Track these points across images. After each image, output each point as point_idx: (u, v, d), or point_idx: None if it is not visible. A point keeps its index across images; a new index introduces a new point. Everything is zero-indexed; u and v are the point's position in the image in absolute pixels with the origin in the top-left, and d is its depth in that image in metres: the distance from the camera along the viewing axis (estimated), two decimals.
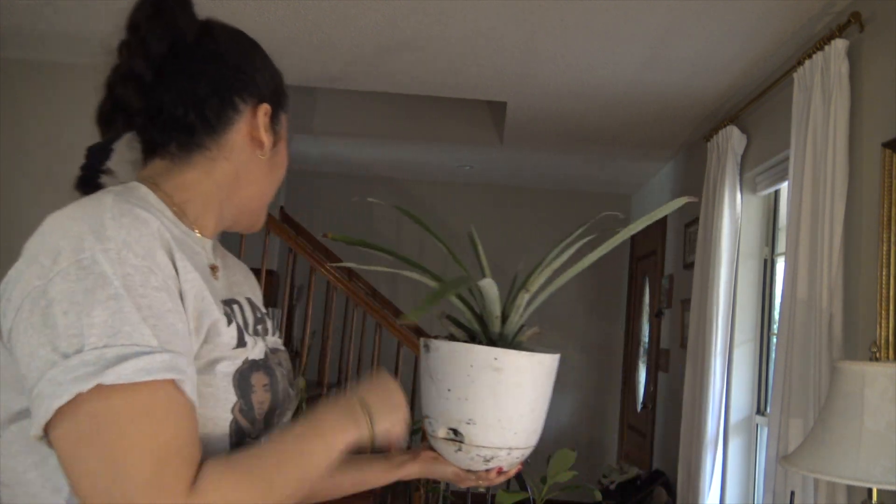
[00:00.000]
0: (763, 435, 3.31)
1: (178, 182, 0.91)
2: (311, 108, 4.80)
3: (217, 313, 0.84)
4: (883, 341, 2.10)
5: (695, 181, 4.19)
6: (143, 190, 0.88)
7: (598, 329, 6.19)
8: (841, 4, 2.52)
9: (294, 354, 4.37)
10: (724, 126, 3.45)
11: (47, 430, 0.73)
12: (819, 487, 2.19)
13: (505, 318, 1.09)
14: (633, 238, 6.02)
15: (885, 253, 2.12)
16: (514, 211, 6.16)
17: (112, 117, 0.91)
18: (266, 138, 0.96)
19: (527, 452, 1.10)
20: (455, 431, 1.04)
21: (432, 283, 1.09)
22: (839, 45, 2.36)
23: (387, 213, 6.23)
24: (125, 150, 0.95)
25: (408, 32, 3.06)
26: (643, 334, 5.48)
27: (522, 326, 1.13)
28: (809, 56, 2.53)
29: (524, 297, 1.09)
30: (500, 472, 1.10)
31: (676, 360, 4.32)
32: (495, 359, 1.03)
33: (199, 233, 0.93)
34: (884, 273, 2.11)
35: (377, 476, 1.14)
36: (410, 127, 4.83)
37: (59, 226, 0.78)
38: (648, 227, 4.82)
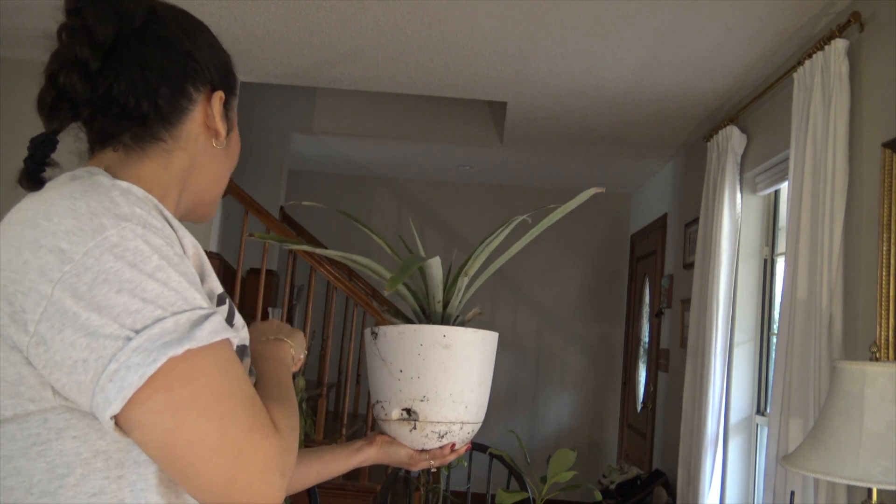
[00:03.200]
0: (763, 435, 3.31)
1: (134, 174, 0.87)
2: (311, 108, 4.81)
3: (217, 287, 0.86)
4: (883, 341, 2.10)
5: (695, 181, 4.19)
6: (106, 178, 0.82)
7: (598, 329, 6.19)
8: (841, 4, 2.52)
9: None
10: (724, 126, 3.45)
11: (126, 410, 0.71)
12: (819, 487, 2.19)
13: (446, 303, 1.15)
14: (633, 238, 6.02)
15: (885, 253, 2.12)
16: (514, 211, 6.14)
17: (56, 106, 0.86)
18: (221, 127, 0.93)
19: (476, 428, 1.14)
20: (409, 411, 1.09)
21: (375, 266, 1.17)
22: (839, 45, 2.36)
23: (387, 212, 6.23)
24: (71, 140, 0.91)
25: (408, 32, 3.06)
26: (643, 334, 5.48)
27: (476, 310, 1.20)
28: (809, 56, 2.53)
29: (463, 281, 1.15)
30: (452, 448, 1.14)
31: (676, 360, 4.32)
32: (444, 335, 1.08)
33: None
34: (884, 273, 2.11)
35: (338, 464, 1.18)
36: (410, 127, 4.83)
37: (55, 211, 0.74)
38: (648, 227, 4.79)
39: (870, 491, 1.75)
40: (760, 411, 3.37)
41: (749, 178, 3.41)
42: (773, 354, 3.31)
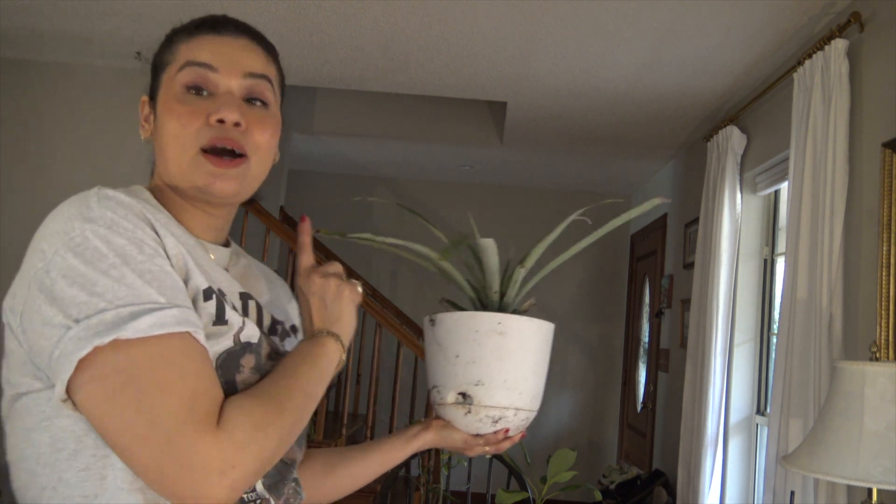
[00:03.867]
0: (763, 435, 3.31)
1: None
2: (311, 108, 4.80)
3: (202, 284, 0.88)
4: (883, 341, 2.10)
5: (695, 181, 4.19)
6: (145, 193, 0.95)
7: (598, 329, 6.19)
8: (841, 4, 2.52)
9: None
10: (724, 126, 3.45)
11: (71, 391, 0.77)
12: (819, 487, 2.19)
13: (503, 294, 1.16)
14: (633, 238, 6.02)
15: (885, 253, 2.12)
16: (514, 211, 6.17)
17: None
18: (144, 126, 1.00)
19: (531, 416, 1.15)
20: (464, 395, 1.10)
21: (432, 255, 1.16)
22: (839, 45, 2.36)
23: (386, 212, 6.23)
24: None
25: (408, 32, 3.06)
26: (643, 334, 5.48)
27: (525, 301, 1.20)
28: (809, 56, 2.53)
29: (520, 273, 1.16)
30: (506, 434, 1.14)
31: (676, 360, 4.32)
32: (499, 323, 1.10)
33: (202, 237, 0.98)
34: (884, 273, 2.11)
35: (397, 452, 1.18)
36: (410, 127, 4.83)
37: (53, 216, 0.83)
38: (648, 228, 4.79)
39: (870, 491, 1.75)
40: (760, 411, 3.37)
41: (749, 178, 3.41)
42: (773, 354, 3.31)
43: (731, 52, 3.04)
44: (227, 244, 1.05)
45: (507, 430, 1.14)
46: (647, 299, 5.43)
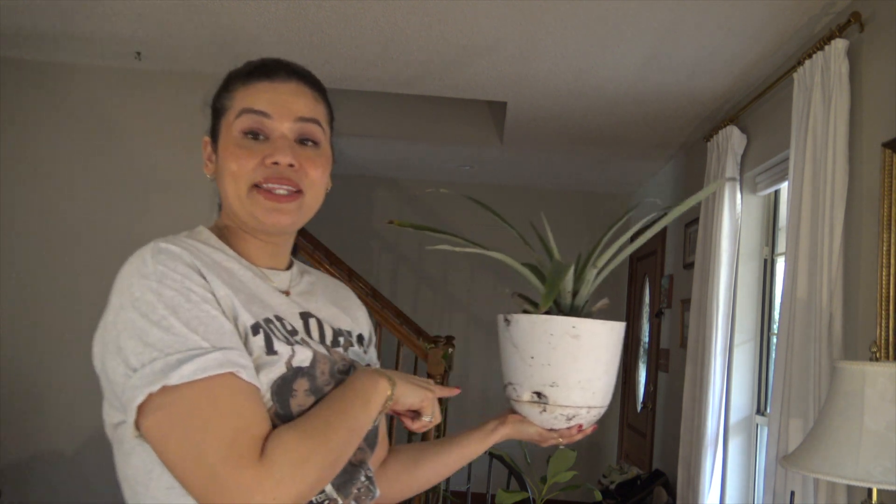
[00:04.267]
0: (763, 435, 3.31)
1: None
2: None
3: (248, 321, 0.97)
4: (883, 341, 2.09)
5: (695, 181, 4.19)
6: (205, 233, 1.06)
7: None
8: (841, 4, 2.52)
9: None
10: (724, 126, 3.45)
11: (138, 428, 0.89)
12: (819, 487, 2.19)
13: (575, 293, 1.19)
14: (632, 238, 6.01)
15: (885, 253, 2.12)
16: (514, 211, 6.14)
17: None
18: (208, 165, 1.10)
19: (602, 411, 1.19)
20: (539, 394, 1.14)
21: (509, 262, 1.19)
22: (839, 45, 2.36)
23: (387, 213, 6.23)
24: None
25: (408, 32, 3.06)
26: (643, 334, 5.47)
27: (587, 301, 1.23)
28: (809, 56, 2.53)
29: (592, 273, 1.20)
30: (579, 429, 1.20)
31: (676, 360, 4.32)
32: (573, 327, 1.13)
33: (264, 264, 1.08)
34: (884, 273, 2.11)
35: (475, 446, 1.24)
36: (410, 127, 4.83)
37: (121, 272, 0.95)
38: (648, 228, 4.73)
39: (870, 491, 1.75)
40: (760, 411, 3.37)
41: (749, 178, 3.40)
42: (773, 354, 3.31)
43: (731, 52, 3.04)
44: (289, 265, 1.15)
45: (580, 426, 1.19)
46: (647, 299, 5.43)
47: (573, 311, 1.19)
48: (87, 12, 3.10)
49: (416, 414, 1.07)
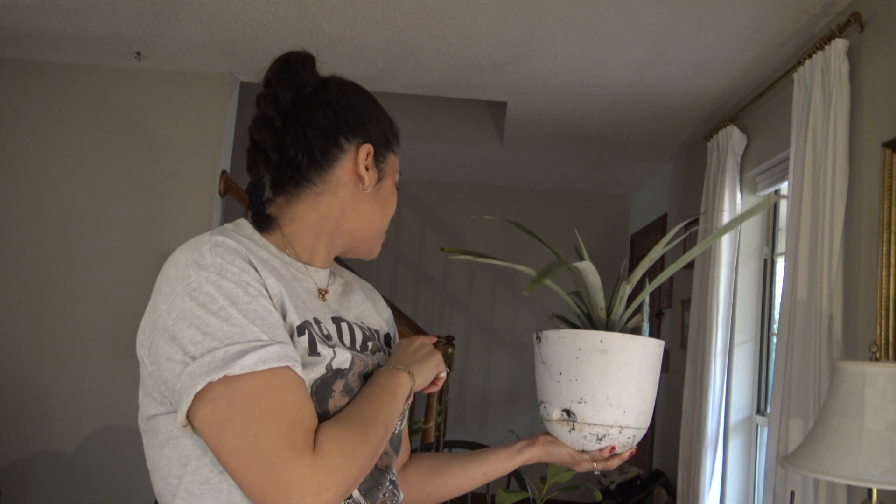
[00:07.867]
0: (763, 435, 3.31)
1: (289, 215, 1.08)
2: None
3: (295, 321, 0.98)
4: (883, 341, 2.09)
5: (695, 181, 4.19)
6: (248, 228, 1.07)
7: None
8: (841, 4, 2.52)
9: None
10: (724, 126, 3.45)
11: (190, 418, 0.90)
12: (819, 487, 2.19)
13: (609, 310, 1.17)
14: (633, 238, 6.02)
15: (885, 253, 2.12)
16: (514, 211, 6.16)
17: (254, 159, 1.07)
18: (367, 174, 1.09)
19: (639, 434, 1.15)
20: (568, 412, 1.12)
21: (556, 289, 1.19)
22: (839, 45, 2.36)
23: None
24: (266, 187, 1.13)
25: (408, 33, 3.06)
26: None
27: (629, 317, 1.21)
28: (809, 56, 2.53)
29: (626, 289, 1.17)
30: (612, 452, 1.16)
31: (676, 360, 4.32)
32: (601, 341, 1.11)
33: (308, 262, 1.10)
34: (884, 273, 2.11)
35: (502, 464, 1.24)
36: (410, 127, 4.83)
37: (173, 262, 0.96)
38: (648, 227, 4.76)
39: (870, 491, 1.75)
40: (760, 411, 3.37)
41: (749, 178, 3.40)
42: (773, 354, 3.31)
43: (731, 52, 3.04)
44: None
45: (612, 448, 1.15)
46: (647, 299, 5.43)
47: (609, 329, 1.16)
48: (87, 12, 3.10)
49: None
